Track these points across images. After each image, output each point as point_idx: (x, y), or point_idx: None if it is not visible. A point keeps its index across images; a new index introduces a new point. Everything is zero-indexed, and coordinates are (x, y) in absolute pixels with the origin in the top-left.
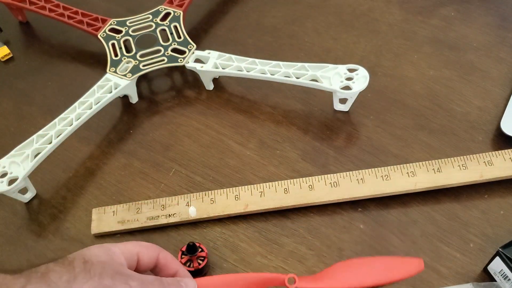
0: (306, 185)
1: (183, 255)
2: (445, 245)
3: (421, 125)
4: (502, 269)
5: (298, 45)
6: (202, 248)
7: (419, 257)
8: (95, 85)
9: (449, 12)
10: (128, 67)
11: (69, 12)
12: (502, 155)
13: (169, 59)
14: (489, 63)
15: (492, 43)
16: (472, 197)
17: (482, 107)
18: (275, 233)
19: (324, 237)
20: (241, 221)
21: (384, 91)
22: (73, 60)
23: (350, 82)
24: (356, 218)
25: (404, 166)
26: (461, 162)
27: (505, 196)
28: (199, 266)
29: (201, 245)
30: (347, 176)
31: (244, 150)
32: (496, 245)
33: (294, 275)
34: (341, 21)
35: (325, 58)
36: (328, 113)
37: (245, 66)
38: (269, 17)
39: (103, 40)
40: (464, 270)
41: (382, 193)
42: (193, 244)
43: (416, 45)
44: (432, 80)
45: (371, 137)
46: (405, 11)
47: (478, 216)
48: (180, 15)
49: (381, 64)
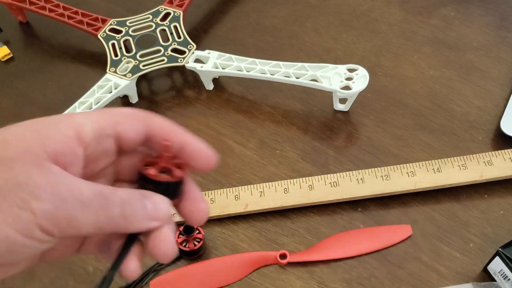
0: (306, 185)
1: (180, 235)
2: (445, 245)
3: (421, 125)
4: (502, 269)
5: (298, 45)
6: (199, 229)
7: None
8: (95, 85)
9: (449, 12)
10: (128, 67)
11: (69, 12)
12: (502, 155)
13: (169, 59)
14: (489, 63)
15: (492, 43)
16: (472, 197)
17: (482, 107)
18: (275, 233)
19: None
20: (241, 221)
21: (384, 91)
22: (73, 60)
23: (350, 82)
24: (356, 218)
25: (404, 166)
26: (461, 162)
27: (505, 196)
28: (195, 247)
29: (198, 227)
30: (347, 176)
31: (244, 150)
32: (496, 245)
33: (285, 251)
34: (341, 21)
35: (325, 58)
36: (328, 113)
37: (245, 66)
38: (269, 17)
39: (103, 40)
40: (464, 270)
41: (382, 193)
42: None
43: (416, 45)
44: (432, 80)
45: (371, 137)
46: (405, 11)
47: (478, 216)
48: (180, 15)
49: (381, 64)
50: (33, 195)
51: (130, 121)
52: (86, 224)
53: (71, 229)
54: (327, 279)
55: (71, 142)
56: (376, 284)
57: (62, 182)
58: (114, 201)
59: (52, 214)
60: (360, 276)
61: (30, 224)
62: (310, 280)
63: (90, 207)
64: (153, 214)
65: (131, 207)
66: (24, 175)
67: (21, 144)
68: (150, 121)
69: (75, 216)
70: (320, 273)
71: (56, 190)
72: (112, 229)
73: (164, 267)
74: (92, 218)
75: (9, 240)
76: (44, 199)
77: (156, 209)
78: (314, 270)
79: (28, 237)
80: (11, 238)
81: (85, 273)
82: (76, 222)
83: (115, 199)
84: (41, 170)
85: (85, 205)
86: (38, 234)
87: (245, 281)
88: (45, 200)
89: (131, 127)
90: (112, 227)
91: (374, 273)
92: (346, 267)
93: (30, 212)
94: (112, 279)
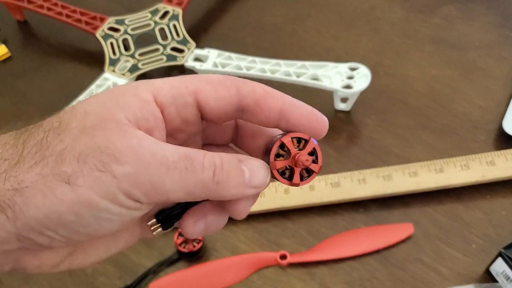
0: (307, 186)
1: (179, 236)
2: (447, 246)
3: (423, 124)
4: (504, 270)
5: (298, 44)
6: None
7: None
8: (93, 84)
9: (451, 11)
10: (127, 66)
11: (67, 10)
12: (504, 155)
13: (168, 57)
14: (491, 62)
15: (494, 42)
16: (474, 197)
17: (484, 106)
18: (276, 234)
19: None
20: (241, 222)
21: (386, 90)
22: (72, 59)
23: (351, 81)
24: (357, 219)
25: (405, 166)
26: (463, 162)
27: (507, 197)
28: (194, 248)
29: None
30: (348, 176)
31: None
32: (498, 246)
33: (286, 252)
34: (342, 19)
35: (326, 57)
36: (329, 113)
37: (245, 65)
38: (269, 16)
39: (102, 38)
40: (466, 271)
41: (383, 193)
42: None
43: (417, 44)
44: (434, 79)
45: (373, 137)
46: (407, 9)
47: (480, 216)
48: (179, 13)
49: (382, 63)
50: (113, 158)
51: (213, 88)
52: (173, 188)
53: (157, 194)
54: (328, 281)
55: (150, 106)
56: (378, 286)
57: (145, 146)
58: (204, 164)
59: (134, 177)
60: (362, 278)
61: (113, 188)
62: (311, 281)
63: (176, 171)
64: (250, 181)
65: (225, 172)
66: (104, 140)
67: (102, 112)
68: (239, 88)
69: (160, 180)
70: (321, 275)
71: (138, 154)
72: (203, 194)
73: (164, 269)
74: (179, 182)
75: (93, 205)
76: (124, 162)
77: (254, 175)
78: (314, 272)
79: (113, 202)
80: (94, 202)
81: (83, 275)
82: (161, 187)
83: (205, 162)
84: (123, 135)
85: (170, 168)
86: (122, 199)
87: (245, 283)
88: (126, 163)
89: (215, 95)
90: (203, 193)
91: (376, 275)
92: (348, 269)
93: (111, 175)
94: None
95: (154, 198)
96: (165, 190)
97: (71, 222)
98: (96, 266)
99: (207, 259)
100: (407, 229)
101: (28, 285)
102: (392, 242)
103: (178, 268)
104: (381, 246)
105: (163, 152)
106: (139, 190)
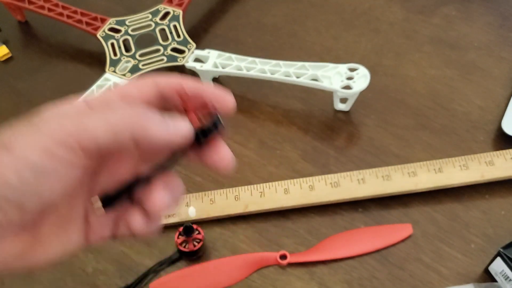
0: (307, 185)
1: (179, 236)
2: (446, 245)
3: (422, 124)
4: (503, 270)
5: (298, 44)
6: (199, 230)
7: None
8: (94, 85)
9: (450, 11)
10: (128, 67)
11: (68, 11)
12: (503, 155)
13: (168, 58)
14: (490, 62)
15: (493, 42)
16: (473, 197)
17: (483, 106)
18: (275, 233)
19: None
20: (241, 221)
21: (385, 91)
22: (72, 59)
23: (351, 82)
24: (356, 219)
25: (405, 166)
26: (462, 162)
27: (506, 197)
28: (194, 248)
29: (198, 228)
30: (347, 176)
31: (244, 150)
32: (497, 246)
33: (286, 252)
34: (341, 20)
35: (326, 57)
36: (329, 113)
37: (245, 65)
38: (269, 16)
39: (102, 39)
40: (465, 270)
41: (383, 193)
42: (190, 225)
43: (417, 44)
44: (434, 80)
45: (372, 137)
46: (406, 10)
47: (479, 216)
48: (179, 14)
49: (382, 63)
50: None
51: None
52: (96, 126)
53: (84, 139)
54: (327, 280)
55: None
56: (377, 285)
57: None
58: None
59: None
60: (361, 277)
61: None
62: (310, 281)
63: (96, 110)
64: (172, 128)
65: (149, 116)
66: (35, 118)
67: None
68: (157, 83)
69: (84, 121)
70: (321, 274)
71: (59, 113)
72: (129, 133)
73: (164, 268)
74: (102, 119)
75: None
76: (50, 120)
77: (175, 120)
78: (314, 271)
79: (46, 155)
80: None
81: (84, 274)
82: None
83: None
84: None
85: (92, 108)
86: (54, 149)
87: (245, 282)
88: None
89: (167, 82)
90: (127, 130)
91: (375, 274)
92: (347, 268)
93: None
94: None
95: (82, 143)
96: (90, 131)
97: (15, 183)
98: (96, 265)
99: (207, 259)
100: (406, 229)
101: (28, 284)
102: (391, 242)
103: (179, 267)
104: (380, 246)
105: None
106: (68, 138)
